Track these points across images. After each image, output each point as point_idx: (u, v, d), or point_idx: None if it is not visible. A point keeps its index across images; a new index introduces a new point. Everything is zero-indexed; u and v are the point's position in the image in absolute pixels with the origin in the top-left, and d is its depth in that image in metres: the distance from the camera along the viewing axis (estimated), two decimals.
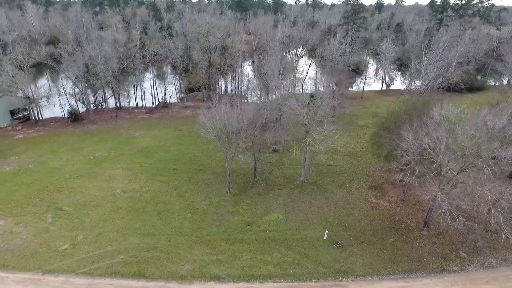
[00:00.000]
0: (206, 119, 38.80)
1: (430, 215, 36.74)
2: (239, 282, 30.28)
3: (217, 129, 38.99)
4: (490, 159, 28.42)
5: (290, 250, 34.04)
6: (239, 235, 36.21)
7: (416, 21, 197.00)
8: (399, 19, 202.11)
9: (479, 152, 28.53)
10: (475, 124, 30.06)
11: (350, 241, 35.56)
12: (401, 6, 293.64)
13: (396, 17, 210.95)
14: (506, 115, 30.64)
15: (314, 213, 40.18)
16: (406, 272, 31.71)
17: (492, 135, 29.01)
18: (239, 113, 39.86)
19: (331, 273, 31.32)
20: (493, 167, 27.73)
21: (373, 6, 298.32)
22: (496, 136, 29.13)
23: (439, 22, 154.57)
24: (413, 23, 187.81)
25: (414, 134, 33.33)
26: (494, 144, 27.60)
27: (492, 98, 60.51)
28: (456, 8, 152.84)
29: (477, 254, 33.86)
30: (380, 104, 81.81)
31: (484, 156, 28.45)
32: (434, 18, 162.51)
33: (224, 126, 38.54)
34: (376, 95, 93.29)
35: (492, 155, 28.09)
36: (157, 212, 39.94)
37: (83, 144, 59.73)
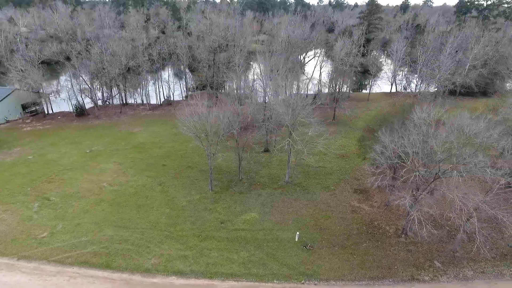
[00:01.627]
0: (185, 117, 39.21)
1: (408, 221, 35.46)
2: (200, 279, 30.49)
3: (196, 127, 39.36)
4: (462, 165, 27.10)
5: (259, 250, 33.88)
6: (212, 232, 36.42)
7: (440, 22, 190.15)
8: (422, 20, 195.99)
9: (450, 158, 27.29)
10: (450, 129, 28.79)
11: (322, 244, 34.93)
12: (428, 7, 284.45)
13: (420, 18, 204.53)
14: (485, 120, 28.98)
15: (291, 214, 39.77)
16: (373, 279, 30.80)
17: (465, 141, 27.61)
18: (218, 112, 39.91)
19: (295, 275, 30.91)
20: (463, 174, 26.40)
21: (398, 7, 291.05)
22: (468, 142, 27.69)
23: (461, 23, 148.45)
24: (436, 24, 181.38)
25: (390, 137, 32.29)
26: (466, 150, 26.26)
27: (491, 103, 57.43)
28: (480, 9, 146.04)
29: (453, 264, 32.36)
30: (386, 107, 79.49)
31: (455, 162, 27.19)
32: (457, 19, 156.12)
33: (202, 124, 38.82)
34: (384, 97, 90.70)
35: (464, 161, 26.77)
36: (137, 206, 40.87)
37: (84, 138, 61.99)
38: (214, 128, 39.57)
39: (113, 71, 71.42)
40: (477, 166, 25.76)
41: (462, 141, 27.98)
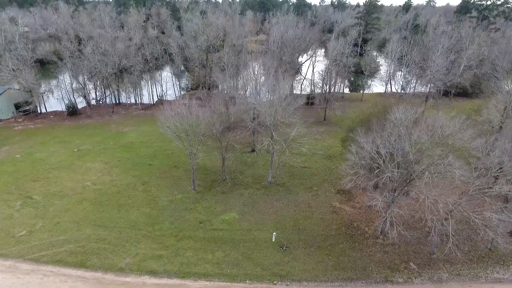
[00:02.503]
0: (164, 117, 39.28)
1: (386, 223, 35.23)
2: (173, 278, 30.51)
3: (176, 127, 39.40)
4: (432, 167, 26.87)
5: (234, 250, 33.84)
6: (189, 232, 36.44)
7: (441, 22, 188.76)
8: (423, 20, 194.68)
9: (422, 159, 27.08)
10: (423, 129, 28.56)
11: (299, 244, 34.82)
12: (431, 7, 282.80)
13: (420, 18, 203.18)
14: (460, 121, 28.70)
15: (271, 214, 39.69)
16: (346, 280, 30.65)
17: (438, 141, 27.37)
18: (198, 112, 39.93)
19: (268, 275, 30.84)
20: (433, 176, 26.18)
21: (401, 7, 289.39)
22: (441, 142, 27.44)
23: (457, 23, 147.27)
24: (437, 25, 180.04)
25: (366, 138, 32.11)
26: (436, 151, 26.03)
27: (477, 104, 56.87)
28: (480, 9, 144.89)
29: (429, 266, 32.11)
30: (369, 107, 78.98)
31: (427, 164, 26.98)
32: (457, 20, 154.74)
33: (182, 124, 38.85)
34: (378, 97, 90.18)
35: (434, 162, 26.55)
36: (118, 206, 40.98)
37: (73, 137, 62.30)
38: (194, 128, 39.56)
39: (104, 71, 71.58)
40: (446, 167, 25.49)
41: (436, 141, 27.74)
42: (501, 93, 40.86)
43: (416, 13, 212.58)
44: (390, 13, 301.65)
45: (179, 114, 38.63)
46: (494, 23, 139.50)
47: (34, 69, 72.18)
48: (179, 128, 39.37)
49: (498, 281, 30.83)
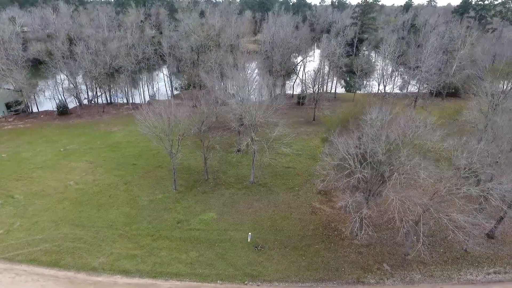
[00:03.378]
0: (142, 117, 39.39)
1: (363, 223, 35.16)
2: (144, 278, 30.60)
3: (156, 128, 39.49)
4: (401, 167, 26.79)
5: (209, 250, 33.88)
6: (166, 232, 36.49)
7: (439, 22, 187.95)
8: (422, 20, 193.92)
9: (390, 160, 27.01)
10: (394, 130, 28.49)
11: (274, 245, 34.81)
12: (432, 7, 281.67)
13: (419, 18, 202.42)
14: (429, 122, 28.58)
15: (250, 214, 39.69)
16: (317, 280, 30.62)
17: (406, 143, 27.27)
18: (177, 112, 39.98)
19: (239, 276, 30.86)
20: (401, 177, 26.10)
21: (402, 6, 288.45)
22: (409, 143, 27.34)
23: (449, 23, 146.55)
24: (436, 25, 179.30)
25: (338, 139, 32.05)
26: (404, 152, 25.93)
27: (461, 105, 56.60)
28: (477, 9, 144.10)
29: (402, 267, 32.02)
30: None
31: (396, 164, 26.90)
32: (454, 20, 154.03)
33: (161, 124, 38.93)
34: (370, 97, 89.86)
35: (402, 163, 26.46)
36: (98, 205, 41.11)
37: (61, 137, 62.53)
38: (173, 128, 39.66)
39: (95, 71, 71.82)
40: (413, 168, 25.40)
41: (406, 142, 27.66)
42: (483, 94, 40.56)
43: (415, 13, 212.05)
44: (390, 13, 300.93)
45: (157, 114, 38.62)
46: (491, 23, 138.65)
47: (25, 69, 72.58)
48: (158, 128, 39.43)
49: (470, 282, 30.71)
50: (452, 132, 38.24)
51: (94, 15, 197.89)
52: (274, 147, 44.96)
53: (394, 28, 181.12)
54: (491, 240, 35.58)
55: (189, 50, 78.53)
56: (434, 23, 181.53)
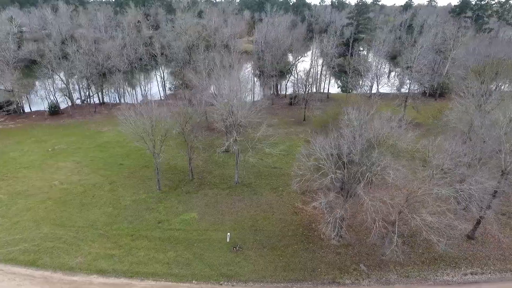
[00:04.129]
0: (124, 117, 39.50)
1: (341, 224, 35.16)
2: (120, 278, 30.67)
3: (138, 128, 39.59)
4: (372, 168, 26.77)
5: (187, 250, 33.93)
6: (146, 232, 36.57)
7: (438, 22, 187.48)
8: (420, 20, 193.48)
9: (362, 160, 27.00)
10: (368, 130, 28.46)
11: (253, 245, 34.83)
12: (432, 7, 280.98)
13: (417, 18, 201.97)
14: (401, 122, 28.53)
15: (231, 214, 39.72)
16: (293, 281, 30.63)
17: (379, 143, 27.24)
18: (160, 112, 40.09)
19: (215, 276, 30.90)
20: (372, 178, 26.08)
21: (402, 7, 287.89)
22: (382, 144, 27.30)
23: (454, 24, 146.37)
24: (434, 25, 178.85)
25: (315, 139, 32.08)
26: (374, 152, 25.92)
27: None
28: (474, 9, 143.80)
29: (379, 268, 31.99)
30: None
31: (367, 165, 26.89)
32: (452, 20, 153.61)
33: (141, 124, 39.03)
34: (363, 97, 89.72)
35: (374, 163, 26.45)
36: (81, 205, 41.22)
37: (51, 136, 62.72)
38: (154, 128, 39.76)
39: (85, 71, 72.06)
40: (383, 169, 25.38)
41: (379, 142, 27.63)
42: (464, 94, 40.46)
43: (413, 13, 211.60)
44: (390, 13, 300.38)
45: (139, 114, 38.72)
46: (487, 23, 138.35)
47: (17, 69, 72.88)
48: (140, 128, 39.53)
49: (446, 283, 30.68)
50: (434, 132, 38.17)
51: (92, 15, 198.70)
52: (257, 148, 44.97)
53: (391, 28, 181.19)
54: (471, 241, 35.51)
55: (180, 50, 78.68)
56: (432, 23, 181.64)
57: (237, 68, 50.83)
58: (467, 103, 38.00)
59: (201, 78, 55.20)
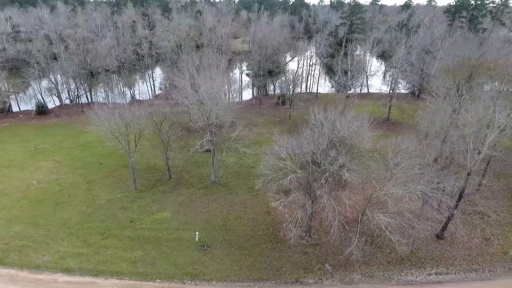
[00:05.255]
0: (97, 117, 39.73)
1: (310, 223, 35.34)
2: (85, 276, 30.88)
3: (111, 128, 39.81)
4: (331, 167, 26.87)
5: (155, 249, 34.11)
6: (117, 231, 36.77)
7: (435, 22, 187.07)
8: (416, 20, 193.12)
9: (321, 160, 27.10)
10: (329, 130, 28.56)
11: (221, 244, 34.98)
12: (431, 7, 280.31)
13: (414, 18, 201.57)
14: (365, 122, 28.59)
15: (204, 214, 39.87)
16: (256, 280, 30.76)
17: (340, 143, 27.34)
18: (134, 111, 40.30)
19: (180, 275, 31.07)
20: (328, 178, 26.18)
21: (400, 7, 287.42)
22: (344, 144, 27.41)
23: (451, 24, 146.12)
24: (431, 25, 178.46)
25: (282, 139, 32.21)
26: (332, 152, 26.03)
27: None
28: (468, 9, 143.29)
29: (344, 268, 32.08)
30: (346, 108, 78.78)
31: (324, 164, 26.99)
32: (447, 20, 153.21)
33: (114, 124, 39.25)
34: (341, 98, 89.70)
35: (331, 164, 26.55)
36: (55, 204, 41.46)
37: (35, 136, 63.06)
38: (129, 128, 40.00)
39: (71, 70, 72.40)
40: (340, 168, 25.47)
41: (343, 142, 27.74)
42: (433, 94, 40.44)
43: (410, 13, 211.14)
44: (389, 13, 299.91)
45: (110, 113, 38.95)
46: (481, 23, 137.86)
47: (5, 70, 73.31)
48: (112, 127, 39.75)
49: (409, 283, 30.74)
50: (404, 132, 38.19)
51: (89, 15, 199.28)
52: (233, 148, 45.14)
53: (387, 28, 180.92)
54: (440, 241, 35.55)
55: (168, 50, 78.92)
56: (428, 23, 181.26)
57: (218, 68, 50.81)
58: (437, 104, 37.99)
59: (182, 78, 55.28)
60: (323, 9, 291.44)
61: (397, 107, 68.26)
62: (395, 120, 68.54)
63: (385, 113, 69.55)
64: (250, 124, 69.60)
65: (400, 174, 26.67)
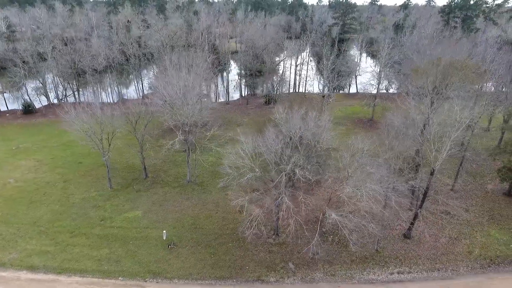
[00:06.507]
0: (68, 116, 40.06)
1: (277, 223, 35.52)
2: (48, 274, 31.15)
3: (83, 126, 40.13)
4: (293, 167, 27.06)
5: (122, 248, 34.35)
6: (86, 229, 37.02)
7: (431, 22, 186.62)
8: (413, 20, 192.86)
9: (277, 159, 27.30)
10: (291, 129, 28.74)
11: (188, 243, 35.19)
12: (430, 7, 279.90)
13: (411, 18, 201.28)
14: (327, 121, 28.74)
15: (175, 213, 40.09)
16: (218, 278, 30.96)
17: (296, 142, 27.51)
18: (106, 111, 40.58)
19: (142, 273, 31.30)
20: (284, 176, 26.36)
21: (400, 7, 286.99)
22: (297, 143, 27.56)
23: (445, 24, 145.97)
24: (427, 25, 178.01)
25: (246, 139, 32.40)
26: (287, 151, 26.20)
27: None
28: (462, 9, 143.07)
29: (307, 266, 32.23)
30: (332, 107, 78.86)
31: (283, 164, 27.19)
32: (442, 20, 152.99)
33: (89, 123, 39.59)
34: (338, 98, 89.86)
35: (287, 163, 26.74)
36: (29, 202, 41.76)
37: (19, 135, 63.46)
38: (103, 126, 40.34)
39: (56, 69, 72.80)
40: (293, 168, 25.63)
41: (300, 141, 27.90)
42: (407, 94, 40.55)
43: (406, 14, 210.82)
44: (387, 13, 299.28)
45: (81, 112, 39.26)
46: (474, 23, 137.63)
47: None
48: (84, 126, 40.06)
49: (370, 282, 30.86)
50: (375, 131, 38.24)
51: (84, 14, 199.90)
52: (208, 147, 45.40)
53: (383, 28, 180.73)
54: (407, 240, 35.65)
55: (155, 50, 79.24)
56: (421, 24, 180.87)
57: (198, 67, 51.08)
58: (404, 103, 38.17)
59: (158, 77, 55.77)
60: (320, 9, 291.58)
61: (382, 107, 68.24)
62: (378, 120, 68.56)
63: (370, 113, 69.68)
64: (234, 123, 70.06)
65: (357, 174, 26.82)
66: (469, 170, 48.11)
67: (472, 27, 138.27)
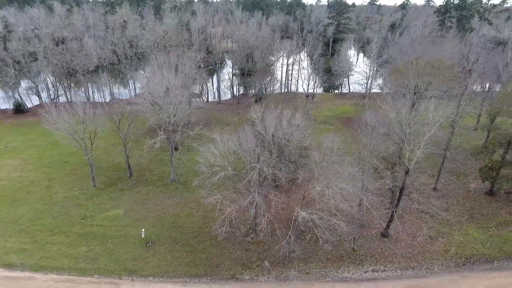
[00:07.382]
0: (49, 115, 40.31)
1: (254, 221, 35.68)
2: (25, 272, 31.40)
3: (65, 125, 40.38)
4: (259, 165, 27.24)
5: (100, 246, 34.56)
6: (66, 227, 37.25)
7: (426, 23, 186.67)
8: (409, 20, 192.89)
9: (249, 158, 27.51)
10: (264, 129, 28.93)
11: (166, 241, 35.40)
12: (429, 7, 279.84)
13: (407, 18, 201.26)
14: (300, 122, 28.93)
15: (156, 212, 40.31)
16: (193, 276, 31.19)
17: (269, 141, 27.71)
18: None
19: (118, 270, 31.52)
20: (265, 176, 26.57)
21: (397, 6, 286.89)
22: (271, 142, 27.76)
23: (441, 24, 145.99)
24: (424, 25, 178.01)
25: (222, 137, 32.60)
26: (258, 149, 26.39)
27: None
28: (458, 9, 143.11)
29: (282, 264, 32.42)
30: (322, 107, 79.08)
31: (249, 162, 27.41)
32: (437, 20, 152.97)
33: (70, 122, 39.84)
34: (330, 98, 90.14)
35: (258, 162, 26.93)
36: (12, 201, 42.01)
37: (8, 134, 63.75)
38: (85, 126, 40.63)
39: (46, 69, 73.07)
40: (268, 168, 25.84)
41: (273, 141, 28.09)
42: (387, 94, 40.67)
43: (403, 13, 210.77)
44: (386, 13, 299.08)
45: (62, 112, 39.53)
46: (469, 23, 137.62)
47: None
48: (65, 125, 40.32)
49: (343, 280, 31.04)
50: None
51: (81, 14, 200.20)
52: (191, 147, 45.60)
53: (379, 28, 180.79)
54: (384, 239, 35.81)
55: (147, 50, 79.48)
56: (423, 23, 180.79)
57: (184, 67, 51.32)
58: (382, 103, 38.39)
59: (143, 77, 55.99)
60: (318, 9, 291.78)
61: (370, 106, 68.32)
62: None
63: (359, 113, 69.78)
64: (223, 123, 70.24)
65: (328, 172, 27.00)
66: (453, 170, 48.28)
67: (467, 27, 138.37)
